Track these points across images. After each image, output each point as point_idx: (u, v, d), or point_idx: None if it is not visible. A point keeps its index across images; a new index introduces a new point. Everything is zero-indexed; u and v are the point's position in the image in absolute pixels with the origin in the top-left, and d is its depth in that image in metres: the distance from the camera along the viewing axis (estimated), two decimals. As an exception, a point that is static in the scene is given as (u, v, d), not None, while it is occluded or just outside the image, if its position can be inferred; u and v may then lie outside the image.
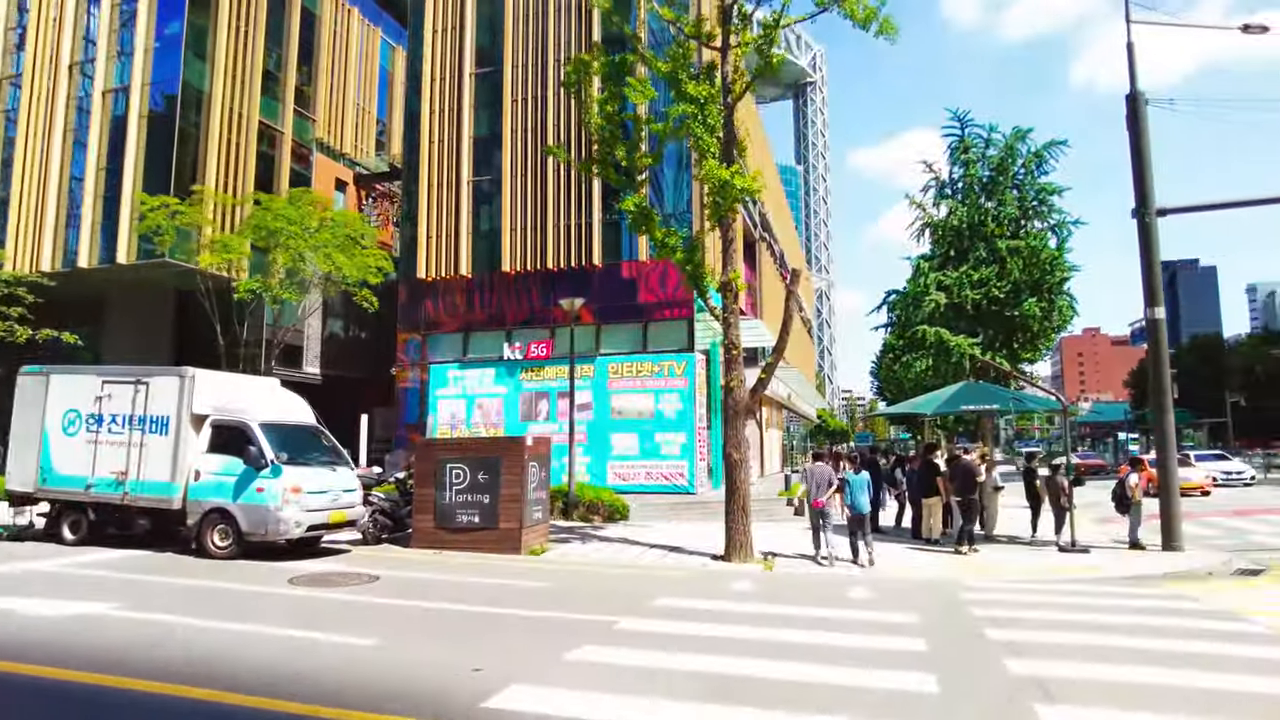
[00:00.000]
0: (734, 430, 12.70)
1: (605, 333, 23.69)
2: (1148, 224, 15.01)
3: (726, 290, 12.87)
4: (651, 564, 12.30)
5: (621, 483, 22.24)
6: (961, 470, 13.78)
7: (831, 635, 7.40)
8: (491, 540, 13.27)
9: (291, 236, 21.25)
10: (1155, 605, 9.12)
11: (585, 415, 23.04)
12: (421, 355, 25.93)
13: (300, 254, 21.38)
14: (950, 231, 37.42)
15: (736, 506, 12.45)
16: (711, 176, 12.37)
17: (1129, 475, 14.05)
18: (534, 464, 13.65)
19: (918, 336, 36.81)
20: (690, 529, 16.72)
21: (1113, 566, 12.31)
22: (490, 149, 25.74)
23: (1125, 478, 14.07)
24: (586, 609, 8.67)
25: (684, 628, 7.73)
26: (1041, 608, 8.84)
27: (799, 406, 49.67)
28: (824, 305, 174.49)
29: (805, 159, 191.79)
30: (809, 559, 12.76)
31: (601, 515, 17.68)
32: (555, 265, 23.98)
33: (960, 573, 11.63)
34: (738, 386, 12.69)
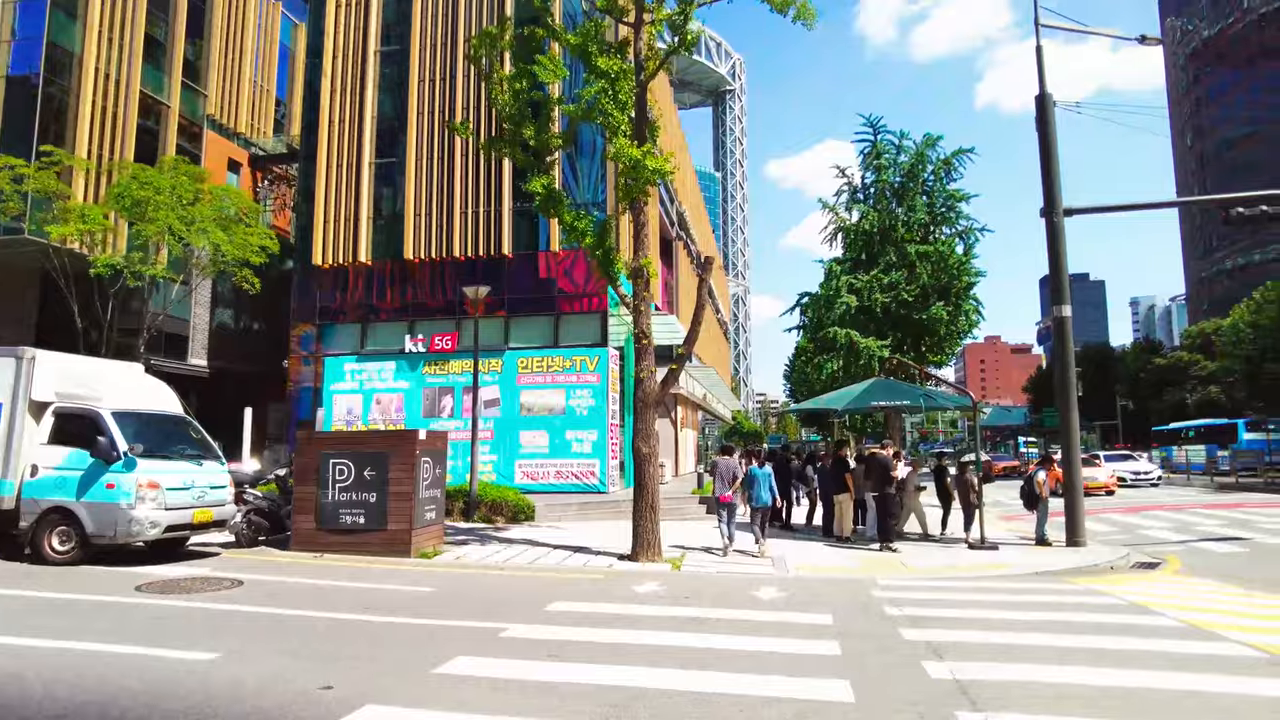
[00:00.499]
0: (644, 422, 12.03)
1: (515, 325, 22.70)
2: (1055, 224, 15.17)
3: (638, 277, 12.20)
4: (553, 566, 11.49)
5: (530, 482, 21.33)
6: (878, 465, 13.50)
7: (740, 639, 6.79)
8: (378, 543, 12.18)
9: (161, 208, 19.27)
10: (1069, 601, 8.92)
11: (492, 412, 22.00)
12: (316, 347, 24.32)
13: (170, 228, 19.45)
14: (862, 236, 37.95)
15: (645, 503, 11.78)
16: (622, 155, 11.68)
17: (1037, 472, 14.12)
18: (427, 460, 12.62)
19: (829, 338, 37.15)
20: (599, 529, 15.98)
21: (1021, 562, 12.23)
22: (395, 131, 24.39)
23: (1033, 474, 14.13)
24: (472, 615, 7.80)
25: (579, 634, 6.98)
26: (957, 605, 8.49)
27: (714, 407, 49.67)
28: (740, 310, 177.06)
29: (724, 166, 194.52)
30: (720, 555, 12.25)
31: (505, 516, 16.73)
32: (462, 254, 22.85)
33: (871, 570, 11.29)
34: (648, 377, 12.03)
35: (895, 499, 13.40)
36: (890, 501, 13.31)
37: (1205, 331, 62.81)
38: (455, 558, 12.22)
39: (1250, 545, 14.44)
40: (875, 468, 13.40)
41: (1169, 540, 15.36)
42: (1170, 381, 63.23)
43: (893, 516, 13.39)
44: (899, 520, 14.71)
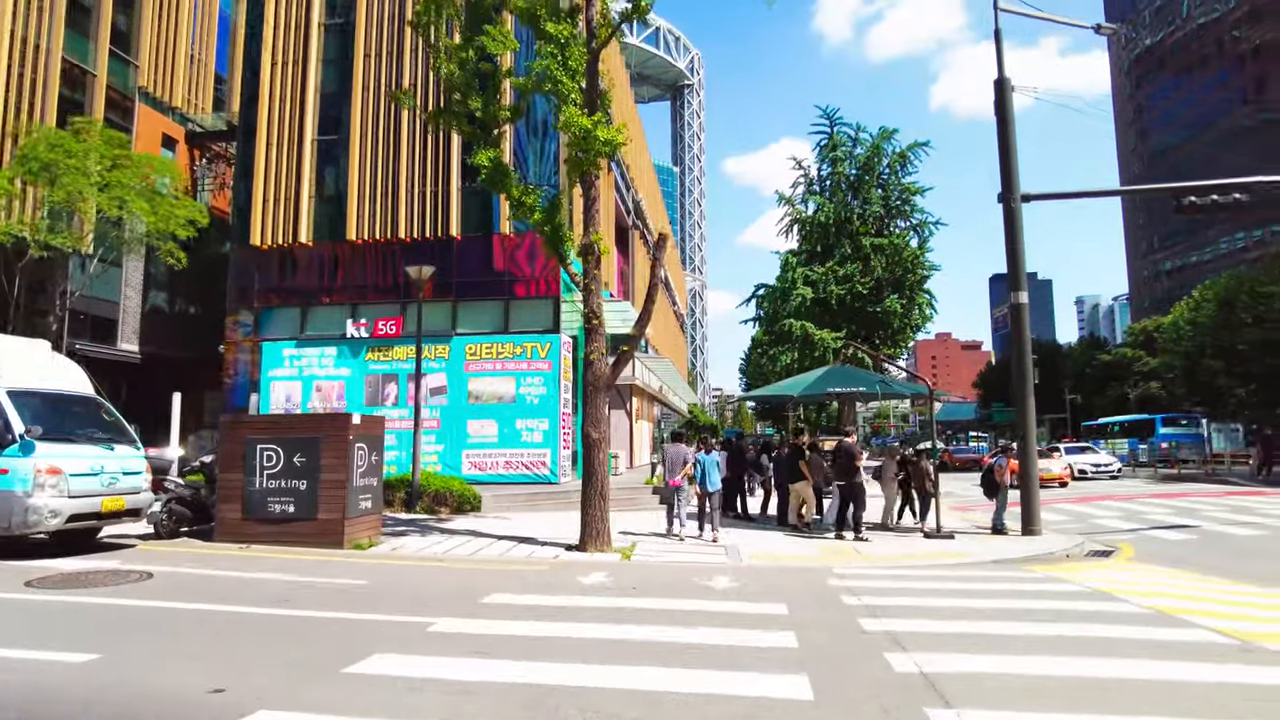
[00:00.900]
0: (593, 407, 11.46)
1: (463, 310, 21.87)
2: (1013, 209, 14.99)
3: (588, 254, 11.61)
4: (495, 557, 10.85)
5: (478, 473, 20.58)
6: (844, 453, 13.11)
7: (691, 632, 6.28)
8: (309, 533, 11.41)
9: (69, 172, 17.84)
10: (1030, 588, 8.61)
11: (439, 400, 21.19)
12: (254, 331, 23.17)
13: (82, 193, 18.05)
14: (818, 228, 37.96)
15: (594, 491, 11.22)
16: (572, 124, 11.06)
17: (997, 460, 13.98)
18: (362, 446, 11.87)
19: (785, 330, 37.09)
20: (549, 520, 15.37)
21: (978, 551, 11.98)
22: (338, 106, 23.31)
23: (994, 463, 14.00)
24: (401, 609, 7.15)
25: (514, 628, 6.39)
26: (916, 594, 8.11)
27: (670, 400, 49.28)
28: (697, 305, 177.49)
29: (682, 161, 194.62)
30: (671, 541, 11.77)
31: (449, 506, 16.00)
32: (408, 235, 21.93)
33: (827, 559, 10.91)
34: (598, 359, 11.45)
35: (861, 488, 13.02)
36: (856, 491, 12.92)
37: (1147, 329, 64.53)
38: (392, 549, 11.50)
39: (1199, 533, 14.47)
40: (841, 455, 13.01)
41: (1120, 529, 15.36)
42: (1114, 377, 64.84)
43: (861, 507, 12.99)
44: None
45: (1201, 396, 52.39)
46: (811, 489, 13.92)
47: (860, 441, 37.43)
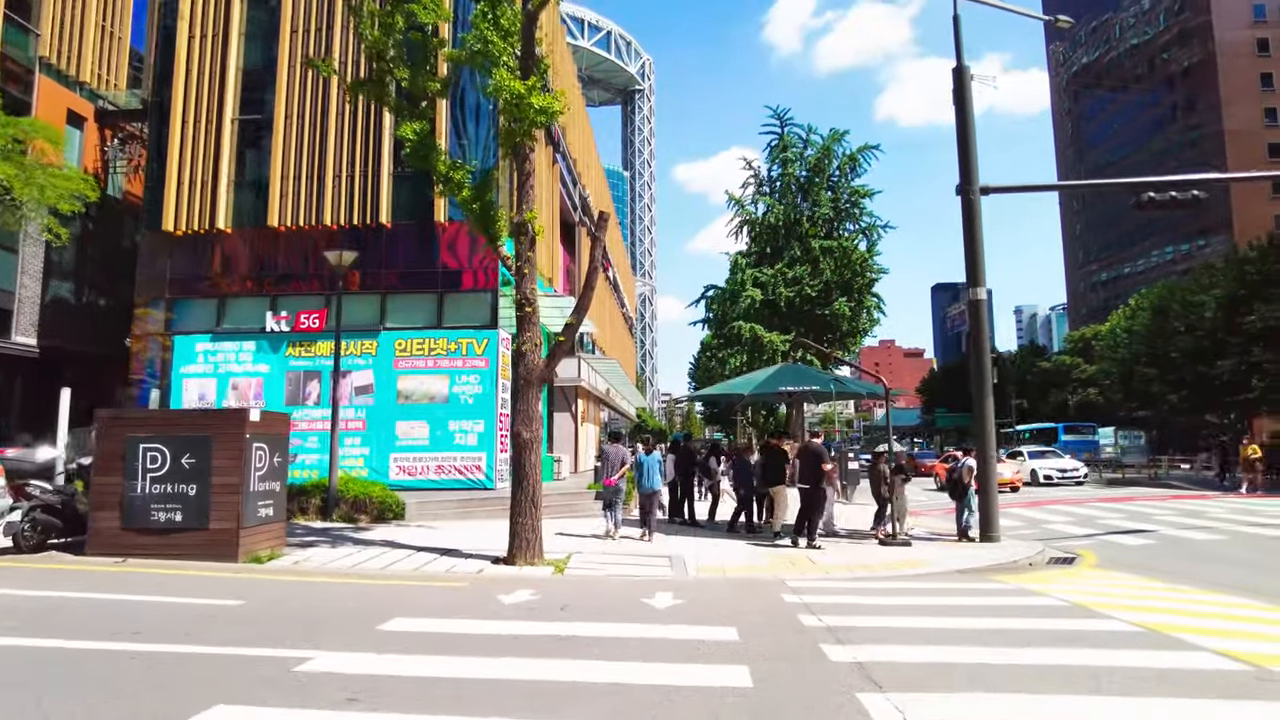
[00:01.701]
0: (525, 403, 10.32)
1: (393, 303, 20.44)
2: (972, 201, 14.38)
3: (521, 234, 10.48)
4: (410, 572, 9.62)
5: (407, 478, 19.19)
6: (810, 455, 12.29)
7: (621, 667, 5.21)
8: (198, 544, 10.01)
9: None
10: (1006, 604, 7.77)
11: (364, 399, 19.72)
12: (165, 324, 21.34)
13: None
14: (767, 229, 37.38)
15: (525, 497, 10.08)
16: (503, 89, 9.95)
17: (964, 461, 13.36)
18: (262, 446, 10.51)
19: (734, 332, 36.39)
20: (479, 529, 14.14)
21: (939, 559, 11.21)
22: (262, 84, 21.67)
23: (962, 465, 13.36)
24: (277, 639, 5.92)
25: (407, 665, 5.22)
26: (882, 612, 7.19)
27: (618, 403, 48.21)
28: (647, 310, 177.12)
29: (632, 166, 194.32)
30: (613, 554, 10.70)
31: (369, 514, 14.64)
32: (334, 223, 20.41)
33: (778, 570, 9.98)
34: (531, 350, 10.32)
35: (824, 493, 12.30)
36: (819, 496, 12.18)
37: (1086, 337, 65.98)
38: (294, 562, 10.16)
39: (1156, 538, 14.03)
40: (808, 458, 12.17)
41: (1076, 534, 14.86)
42: (1054, 384, 66.12)
43: (820, 513, 12.26)
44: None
45: (1137, 402, 53.56)
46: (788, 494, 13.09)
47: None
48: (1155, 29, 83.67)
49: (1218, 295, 44.22)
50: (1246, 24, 73.88)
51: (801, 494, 12.26)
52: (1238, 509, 18.66)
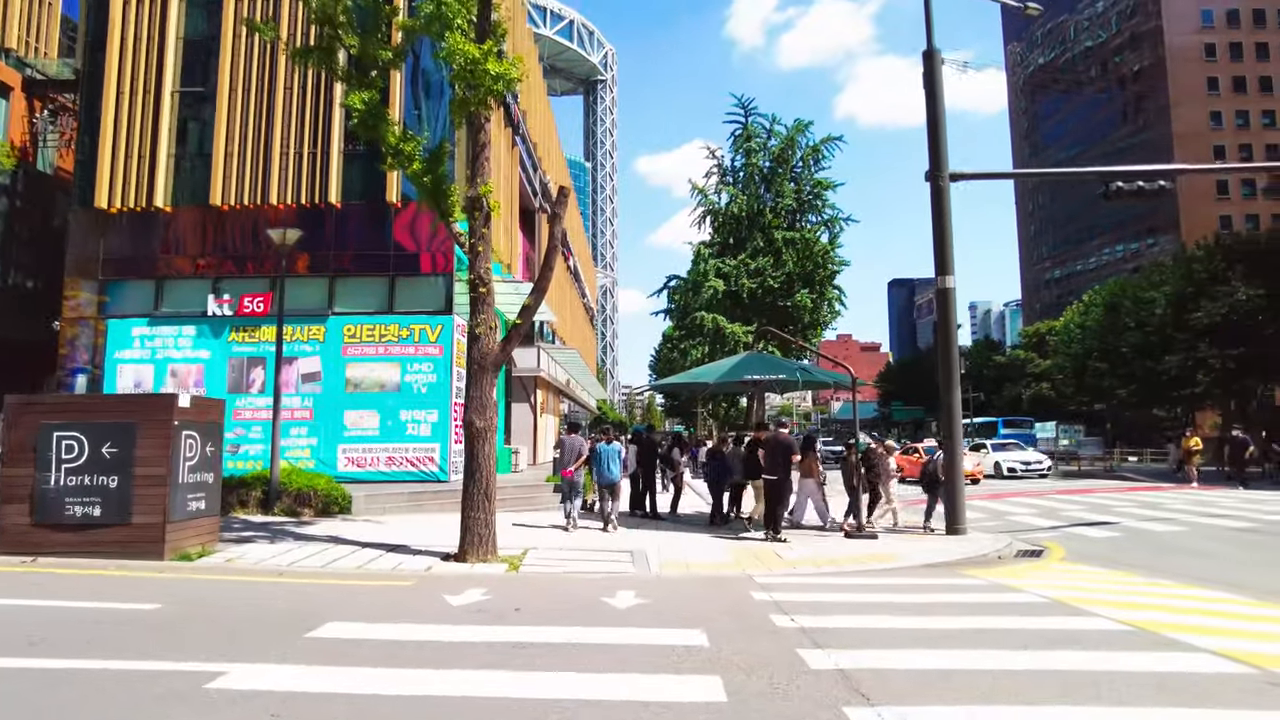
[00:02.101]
0: (479, 390, 9.69)
1: (342, 287, 19.52)
2: (941, 187, 14.10)
3: (475, 209, 9.83)
4: (353, 570, 8.94)
5: (356, 470, 18.37)
6: (780, 447, 11.86)
7: (577, 679, 4.67)
8: (119, 541, 9.20)
9: None
10: (984, 601, 7.41)
11: (312, 387, 18.82)
12: (98, 307, 20.13)
13: None
14: (731, 219, 37.08)
15: (477, 489, 9.46)
16: (456, 53, 9.28)
17: (940, 455, 13.14)
18: (192, 434, 9.72)
19: (696, 323, 36.04)
20: (431, 523, 13.46)
21: (906, 552, 10.88)
22: (204, 54, 20.49)
23: (938, 458, 13.22)
24: (193, 649, 5.25)
25: (335, 680, 4.61)
26: (857, 611, 6.77)
27: (578, 394, 47.60)
28: (608, 302, 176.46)
29: (594, 156, 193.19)
30: (572, 549, 10.14)
31: (314, 508, 13.86)
32: (281, 202, 19.40)
33: (744, 565, 9.54)
34: (485, 334, 9.69)
35: (789, 485, 12.00)
36: (785, 488, 11.86)
37: (1040, 332, 67.09)
38: (226, 560, 9.41)
39: (1120, 529, 13.96)
40: (777, 450, 11.76)
41: (1040, 526, 14.75)
42: (1008, 378, 67.19)
43: (784, 505, 11.96)
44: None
45: (1089, 396, 54.63)
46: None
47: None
48: (1108, 32, 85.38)
49: (1167, 292, 45.16)
50: (1195, 29, 75.71)
51: (767, 486, 11.91)
52: (1192, 500, 18.83)
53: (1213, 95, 74.28)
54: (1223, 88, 74.76)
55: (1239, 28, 76.09)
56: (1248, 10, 76.23)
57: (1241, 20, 76.19)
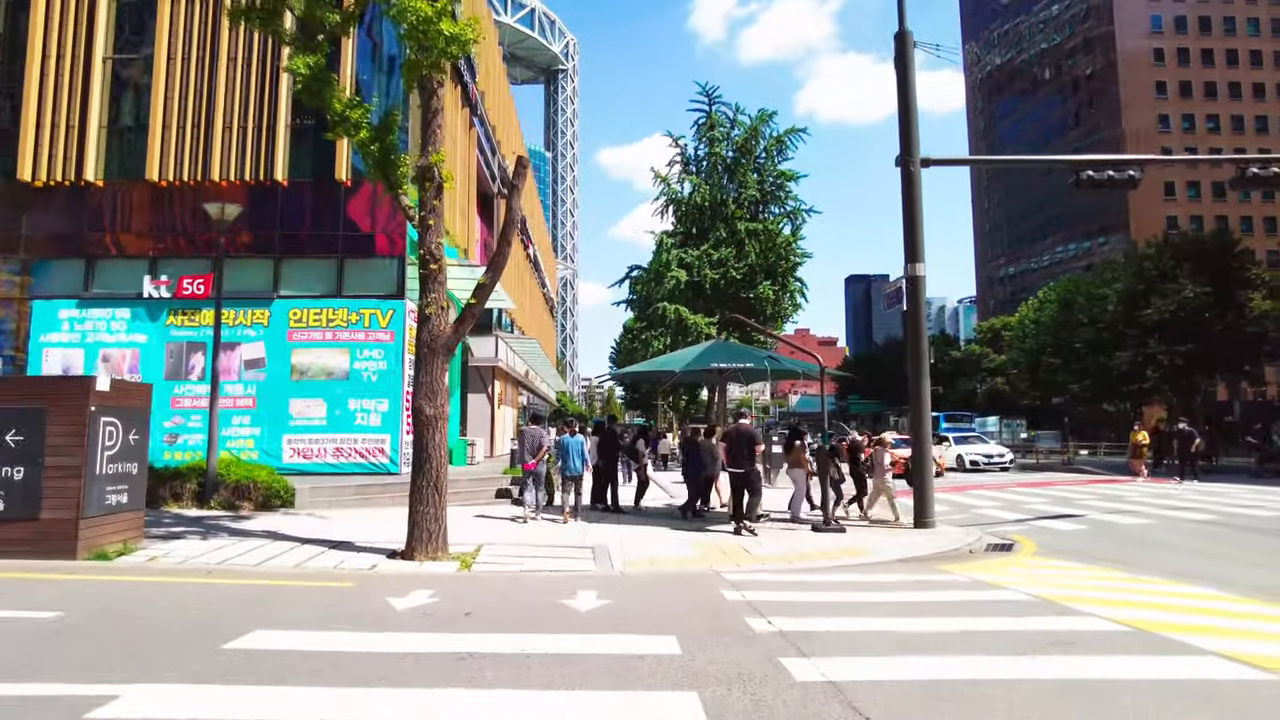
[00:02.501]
0: (429, 375, 9.00)
1: (288, 269, 18.51)
2: (912, 172, 13.77)
3: (426, 179, 9.12)
4: (290, 569, 8.21)
5: (303, 461, 17.47)
6: (743, 437, 11.50)
7: (531, 699, 4.09)
8: (26, 538, 8.32)
9: None
10: (971, 599, 7.02)
11: (255, 375, 17.84)
12: (21, 288, 18.81)
13: None
14: (693, 209, 36.56)
15: (426, 482, 8.79)
16: (407, 11, 8.55)
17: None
18: (112, 421, 8.86)
19: (658, 314, 35.50)
20: (379, 518, 12.73)
21: (877, 546, 10.50)
22: (140, 18, 19.24)
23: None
24: (88, 666, 4.54)
25: (246, 703, 3.96)
26: (838, 613, 6.30)
27: (537, 385, 46.81)
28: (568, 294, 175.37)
29: (555, 147, 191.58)
30: (530, 544, 9.52)
31: (254, 501, 13.00)
32: (223, 178, 18.30)
33: (711, 560, 9.04)
34: (436, 314, 9.00)
35: (759, 475, 11.66)
36: (754, 479, 11.49)
37: (995, 327, 68.07)
38: (149, 559, 8.59)
39: (1087, 523, 13.82)
40: (740, 441, 11.44)
41: (1006, 519, 14.57)
42: (964, 372, 68.12)
43: (755, 494, 11.53)
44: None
45: (1042, 391, 55.59)
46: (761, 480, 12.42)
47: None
48: (1062, 35, 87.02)
49: (1119, 290, 46.02)
50: (1145, 34, 77.47)
51: (733, 479, 11.55)
52: (1151, 493, 18.91)
53: (1161, 99, 76.15)
54: (1170, 92, 76.70)
55: (1186, 34, 78.10)
56: (1194, 17, 78.27)
57: (1189, 26, 78.22)
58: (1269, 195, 75.23)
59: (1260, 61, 77.78)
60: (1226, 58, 77.79)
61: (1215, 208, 74.13)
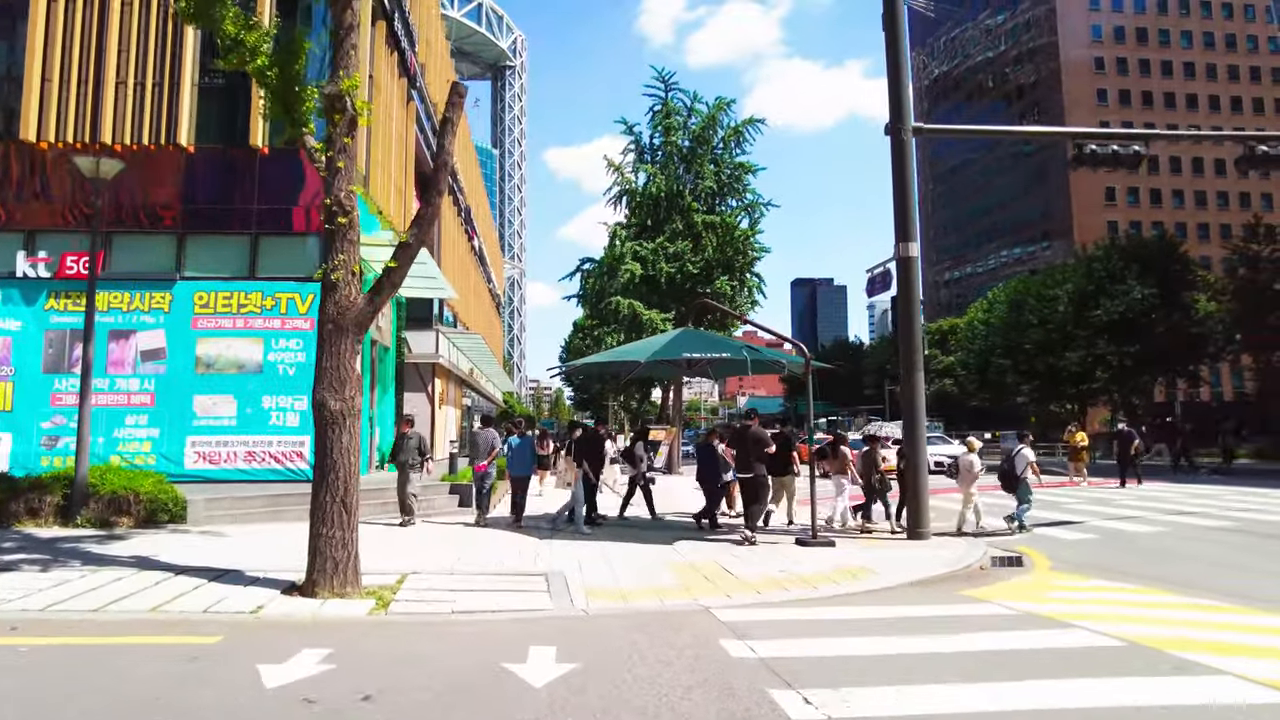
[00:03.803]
0: (334, 359, 7.06)
1: (193, 246, 16.12)
2: (903, 141, 12.36)
3: (335, 110, 7.17)
4: (142, 614, 6.16)
5: (209, 467, 15.21)
6: (752, 439, 10.42)
7: None
8: None
9: None
10: (1043, 646, 5.42)
11: (154, 367, 15.47)
12: None
13: None
14: (648, 199, 34.91)
15: (331, 497, 6.84)
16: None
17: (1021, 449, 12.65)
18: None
19: (611, 308, 33.74)
20: (287, 534, 10.58)
21: (878, 565, 8.91)
22: (17, -44, 16.71)
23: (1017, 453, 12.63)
24: None
25: None
26: (890, 675, 4.63)
27: (482, 385, 44.48)
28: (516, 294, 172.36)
29: (502, 144, 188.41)
30: (464, 578, 7.63)
31: (133, 517, 10.78)
32: (117, 140, 15.83)
33: (694, 589, 7.33)
34: (345, 282, 7.08)
35: (765, 482, 10.57)
36: (760, 485, 10.46)
37: (943, 329, 68.18)
38: (-45, 601, 6.44)
39: (1091, 530, 12.63)
40: (749, 443, 10.39)
41: (999, 529, 13.23)
42: (912, 373, 68.00)
43: (760, 502, 10.61)
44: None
45: (991, 393, 55.57)
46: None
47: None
48: (1003, 45, 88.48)
49: (1069, 290, 46.06)
50: (1086, 43, 78.99)
51: (742, 484, 10.62)
52: (1139, 496, 17.91)
53: (1101, 106, 77.56)
54: (1111, 99, 78.24)
55: (1125, 43, 79.88)
56: (1132, 28, 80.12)
57: (1127, 36, 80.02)
58: (1202, 202, 77.55)
59: (1193, 73, 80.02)
60: (1162, 68, 79.79)
61: (1153, 213, 75.88)
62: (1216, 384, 67.40)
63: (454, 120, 7.20)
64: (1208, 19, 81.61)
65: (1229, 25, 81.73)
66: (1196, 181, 78.32)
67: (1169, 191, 77.89)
